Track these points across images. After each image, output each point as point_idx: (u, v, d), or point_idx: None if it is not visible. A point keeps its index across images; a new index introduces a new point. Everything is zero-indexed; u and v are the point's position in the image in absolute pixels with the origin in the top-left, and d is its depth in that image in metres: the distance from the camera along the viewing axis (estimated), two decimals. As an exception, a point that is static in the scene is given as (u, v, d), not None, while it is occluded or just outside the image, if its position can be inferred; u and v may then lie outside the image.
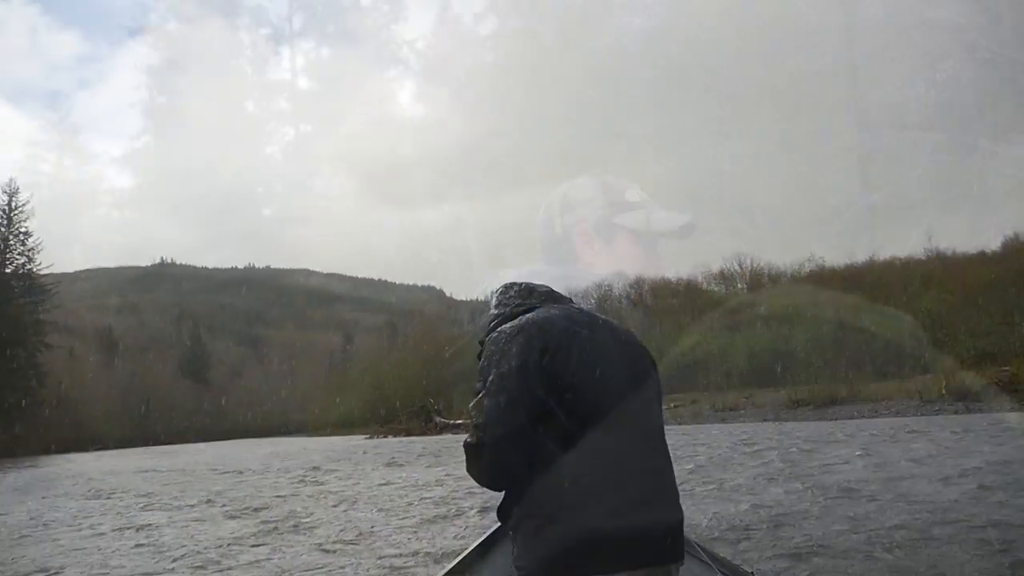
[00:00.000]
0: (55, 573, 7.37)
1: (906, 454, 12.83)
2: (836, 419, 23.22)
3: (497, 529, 3.41)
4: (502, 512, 2.18)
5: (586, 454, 2.01)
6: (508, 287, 2.45)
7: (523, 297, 2.37)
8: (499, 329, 2.19)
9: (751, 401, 33.19)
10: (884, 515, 7.48)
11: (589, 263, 2.60)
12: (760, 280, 67.67)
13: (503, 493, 2.17)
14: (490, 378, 2.07)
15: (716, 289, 68.87)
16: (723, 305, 61.21)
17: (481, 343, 2.28)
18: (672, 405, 38.88)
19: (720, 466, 13.76)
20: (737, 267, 69.57)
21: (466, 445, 2.11)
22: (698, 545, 3.34)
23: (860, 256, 60.20)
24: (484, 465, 2.09)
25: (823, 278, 57.78)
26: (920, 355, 33.66)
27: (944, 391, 22.96)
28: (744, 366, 44.76)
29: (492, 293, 2.49)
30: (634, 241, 2.59)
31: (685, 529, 2.32)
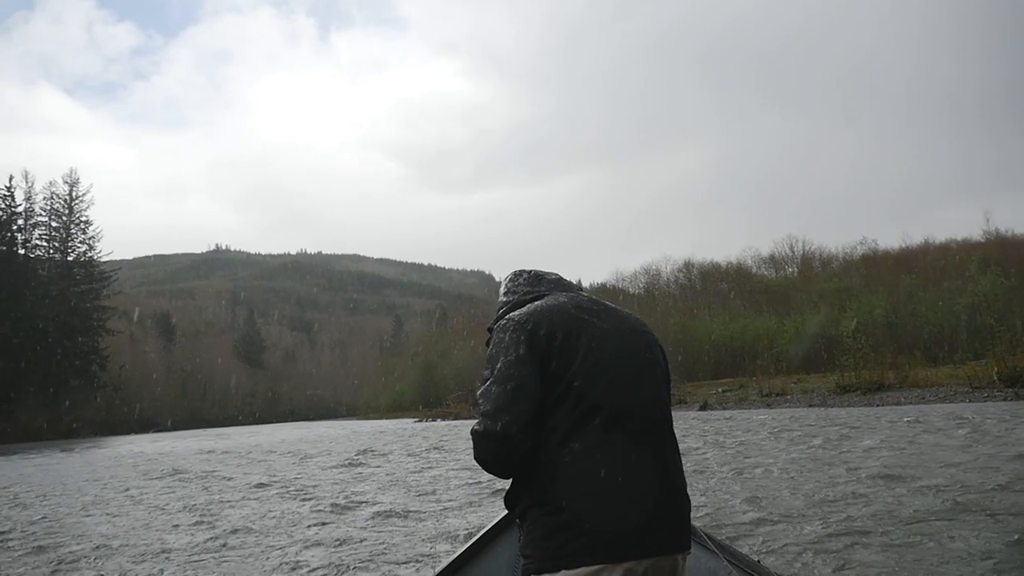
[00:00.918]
0: (118, 548, 7.78)
1: (943, 441, 12.72)
2: (882, 405, 22.93)
3: (504, 517, 3.46)
4: (509, 500, 2.20)
5: (593, 443, 2.02)
6: (517, 274, 2.49)
7: (532, 284, 2.41)
8: (508, 317, 2.22)
9: (800, 386, 32.85)
10: (905, 503, 7.47)
11: None
12: (811, 263, 66.77)
13: (510, 480, 2.19)
14: (498, 366, 2.09)
15: (766, 273, 68.21)
16: (773, 289, 60.50)
17: (490, 330, 2.29)
18: (720, 390, 38.72)
19: (757, 449, 13.82)
20: (788, 250, 68.79)
21: (474, 432, 2.12)
22: (705, 534, 3.37)
23: (915, 238, 59.23)
24: (491, 452, 2.09)
25: (876, 261, 56.84)
26: (973, 340, 33.01)
27: (996, 377, 22.46)
28: (793, 351, 44.25)
29: (502, 280, 2.53)
30: None
31: (694, 518, 2.32)
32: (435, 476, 13.43)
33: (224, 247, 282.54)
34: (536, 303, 2.24)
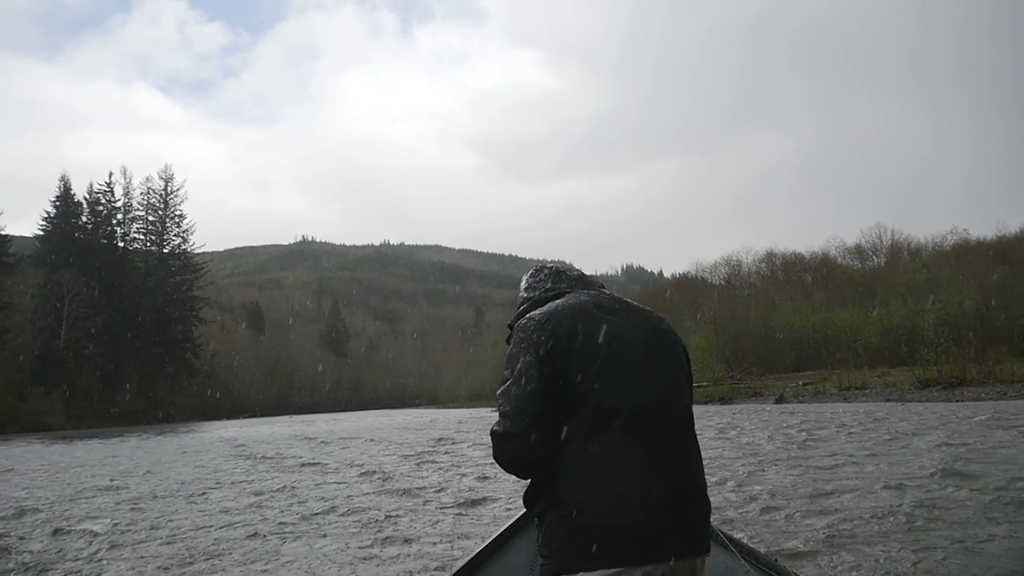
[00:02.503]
0: (214, 528, 8.42)
1: (1011, 439, 12.50)
2: (960, 400, 22.38)
3: (522, 516, 3.44)
4: (527, 499, 2.18)
5: (613, 445, 1.99)
6: (538, 270, 2.46)
7: (553, 281, 2.37)
8: (528, 316, 2.19)
9: (882, 380, 32.16)
10: (938, 504, 7.44)
11: None
12: (899, 253, 64.91)
13: (529, 480, 2.17)
14: (518, 366, 2.08)
15: (851, 263, 66.59)
16: (858, 280, 59.08)
17: (511, 327, 2.28)
18: (800, 383, 38.18)
19: (822, 441, 13.83)
20: (877, 239, 67.01)
21: (493, 433, 2.12)
22: (724, 535, 3.35)
23: (1012, 227, 56.84)
24: (510, 453, 2.09)
25: (968, 251, 54.90)
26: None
27: (1087, 372, 21.72)
28: (877, 343, 43.24)
29: (523, 277, 2.50)
30: None
31: (715, 517, 2.30)
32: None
33: (310, 239, 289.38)
34: (557, 302, 2.21)
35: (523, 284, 2.45)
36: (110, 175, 74.62)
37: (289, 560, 6.64)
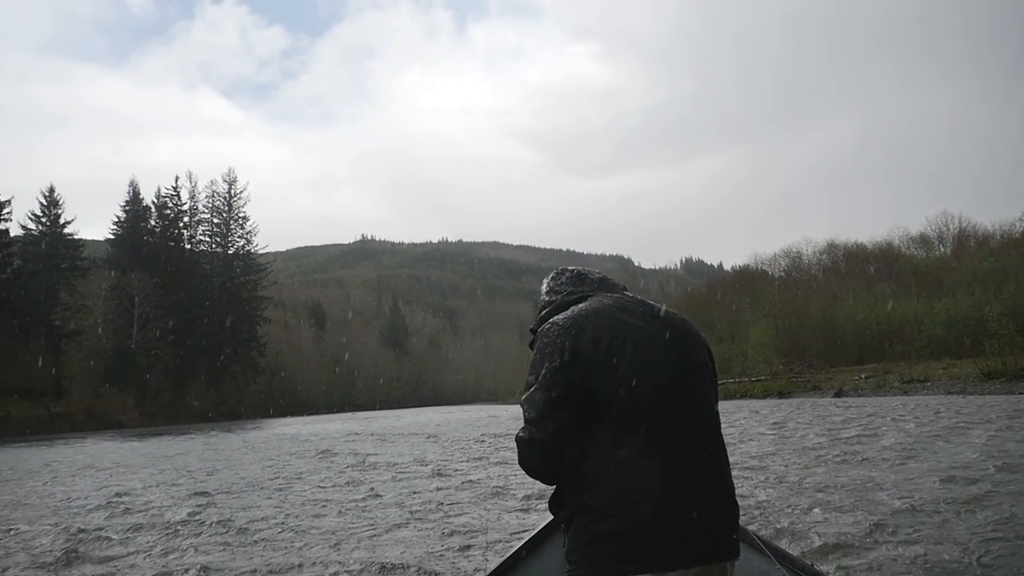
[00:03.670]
0: (282, 520, 8.90)
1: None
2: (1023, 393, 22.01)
3: (549, 522, 3.42)
4: (554, 505, 2.18)
5: (639, 449, 1.98)
6: (560, 273, 2.44)
7: (575, 284, 2.35)
8: (551, 321, 2.17)
9: (947, 372, 31.58)
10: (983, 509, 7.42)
11: None
12: (966, 242, 63.30)
13: (555, 487, 2.18)
14: (542, 372, 2.07)
15: (915, 253, 65.21)
16: (923, 270, 57.86)
17: (533, 331, 2.27)
18: (862, 376, 37.70)
19: (874, 435, 13.88)
20: (944, 227, 65.47)
21: (518, 439, 2.14)
22: (757, 537, 3.33)
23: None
24: (536, 459, 2.11)
25: (1038, 238, 53.41)
26: None
27: None
28: (942, 335, 42.40)
29: (544, 279, 2.48)
30: None
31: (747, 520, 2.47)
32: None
33: (370, 237, 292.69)
34: (580, 306, 2.20)
35: (544, 288, 2.42)
36: (176, 179, 77.18)
37: (351, 549, 7.09)
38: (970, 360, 34.05)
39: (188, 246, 77.71)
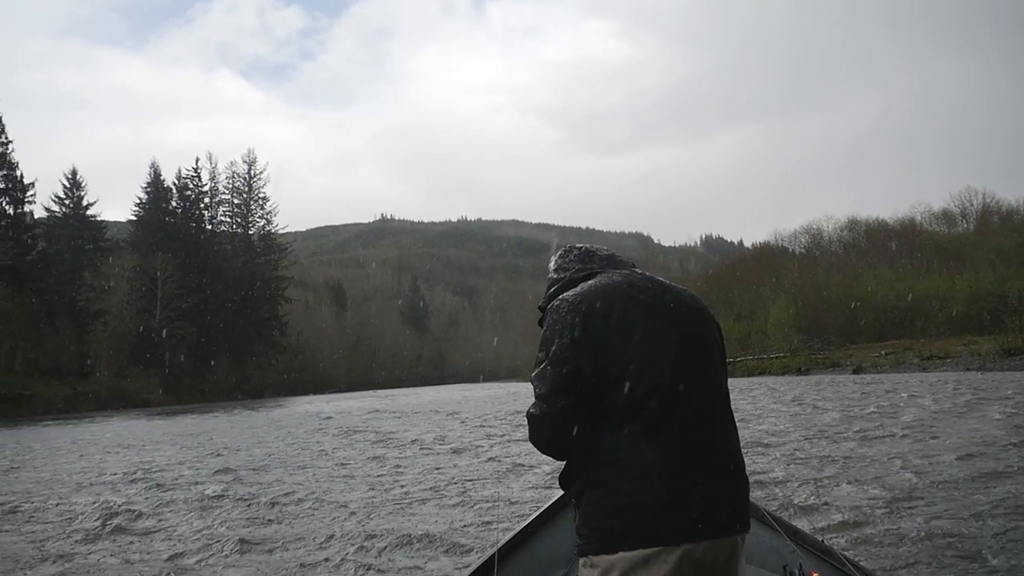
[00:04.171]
0: (310, 493, 9.15)
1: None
2: (1041, 369, 21.95)
3: (560, 497, 3.44)
4: (564, 481, 2.19)
5: (649, 424, 1.99)
6: (568, 250, 2.44)
7: (583, 262, 2.35)
8: (560, 297, 2.18)
9: (969, 348, 31.41)
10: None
11: None
12: (989, 217, 62.64)
13: (565, 462, 2.18)
14: (552, 348, 2.08)
15: (938, 229, 64.64)
16: (945, 246, 57.35)
17: (542, 309, 2.28)
18: (882, 353, 37.59)
19: (890, 413, 13.92)
20: (968, 202, 64.83)
21: (529, 415, 2.14)
22: (766, 512, 3.34)
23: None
24: (547, 435, 2.11)
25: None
26: None
27: None
28: (964, 311, 42.10)
29: (552, 256, 2.49)
30: None
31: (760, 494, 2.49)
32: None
33: (389, 216, 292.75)
34: (589, 282, 2.21)
35: (552, 265, 2.43)
36: (196, 161, 77.16)
37: (376, 522, 7.31)
38: (991, 337, 33.87)
39: (209, 227, 78.33)
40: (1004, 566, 4.91)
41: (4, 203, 60.34)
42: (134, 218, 73.86)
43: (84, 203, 67.67)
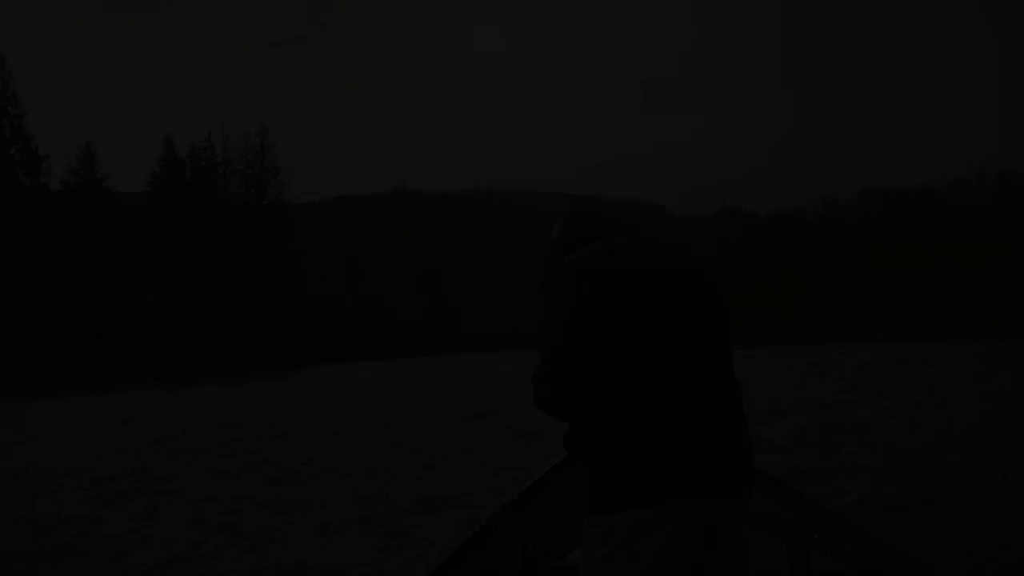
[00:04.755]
0: (330, 459, 9.26)
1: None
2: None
3: (564, 458, 3.45)
4: (569, 441, 2.18)
5: (652, 386, 2.01)
6: (571, 215, 2.46)
7: (587, 226, 2.37)
8: (564, 260, 2.19)
9: (983, 317, 31.25)
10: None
11: None
12: (1007, 185, 62.07)
13: (570, 424, 2.17)
14: (557, 311, 2.10)
15: (955, 196, 64.08)
16: (961, 214, 56.88)
17: (545, 272, 2.29)
18: (896, 322, 37.38)
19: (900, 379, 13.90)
20: (985, 170, 64.19)
21: (534, 377, 2.14)
22: (768, 475, 3.35)
23: None
24: (551, 397, 2.11)
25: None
26: None
27: None
28: (978, 280, 41.86)
29: (555, 223, 2.49)
30: None
31: (760, 459, 2.28)
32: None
33: (403, 185, 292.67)
34: (593, 245, 2.21)
35: (555, 230, 2.44)
36: (209, 133, 77.38)
37: (398, 484, 7.44)
38: (1007, 304, 33.74)
39: (223, 198, 78.50)
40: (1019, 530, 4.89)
41: (20, 175, 60.78)
42: (148, 190, 74.14)
43: (98, 175, 68.03)
